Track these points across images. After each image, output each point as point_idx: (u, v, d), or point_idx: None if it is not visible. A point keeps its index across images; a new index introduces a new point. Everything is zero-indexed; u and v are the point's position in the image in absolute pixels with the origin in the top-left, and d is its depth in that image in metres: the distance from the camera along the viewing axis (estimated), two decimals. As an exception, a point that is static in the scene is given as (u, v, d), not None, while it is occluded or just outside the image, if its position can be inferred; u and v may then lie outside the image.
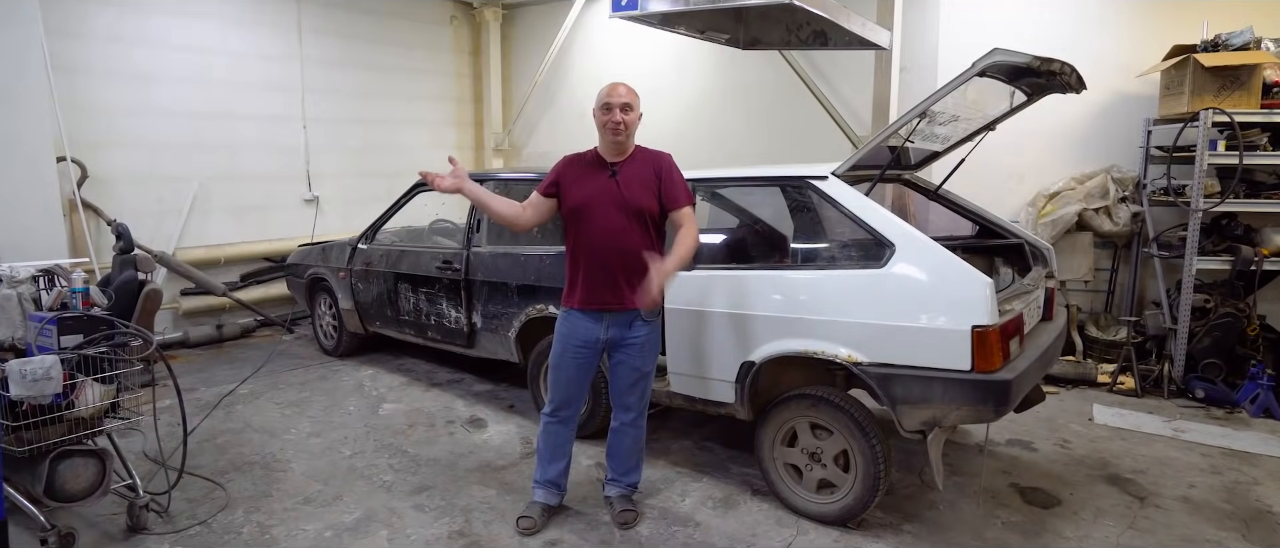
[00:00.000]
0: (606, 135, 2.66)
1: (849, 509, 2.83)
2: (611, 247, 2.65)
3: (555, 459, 2.93)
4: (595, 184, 2.66)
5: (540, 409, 3.83)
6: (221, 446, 3.75)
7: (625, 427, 2.91)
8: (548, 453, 2.92)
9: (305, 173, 6.61)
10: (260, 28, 6.17)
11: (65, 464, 2.67)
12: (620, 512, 2.94)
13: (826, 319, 2.76)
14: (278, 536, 2.87)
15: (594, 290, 2.69)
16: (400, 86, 7.31)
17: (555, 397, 2.86)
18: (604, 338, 2.74)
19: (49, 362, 2.55)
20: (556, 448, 2.92)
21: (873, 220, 2.74)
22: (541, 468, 2.95)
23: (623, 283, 2.66)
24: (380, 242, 4.92)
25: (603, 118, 2.64)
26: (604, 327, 2.73)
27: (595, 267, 2.67)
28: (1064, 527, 2.91)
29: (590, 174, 2.70)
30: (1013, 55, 2.47)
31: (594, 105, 2.68)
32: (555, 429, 2.89)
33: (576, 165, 2.74)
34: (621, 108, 2.61)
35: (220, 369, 5.12)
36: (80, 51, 5.22)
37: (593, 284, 2.69)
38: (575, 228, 2.71)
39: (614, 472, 3.00)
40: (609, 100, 2.62)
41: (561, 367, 2.80)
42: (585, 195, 2.66)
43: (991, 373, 2.47)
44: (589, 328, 2.73)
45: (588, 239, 2.67)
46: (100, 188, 5.36)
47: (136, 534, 2.86)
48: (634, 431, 2.92)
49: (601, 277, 2.67)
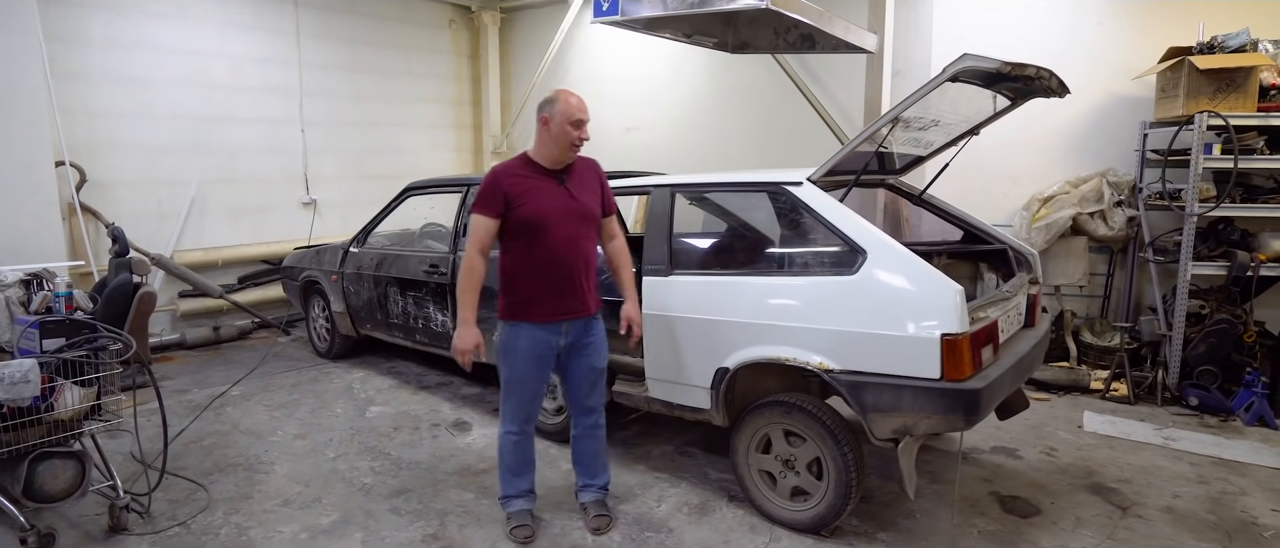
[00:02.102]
0: (566, 147, 2.64)
1: (821, 517, 2.81)
2: (575, 255, 2.67)
3: (526, 470, 2.91)
4: (550, 195, 2.65)
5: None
6: (208, 447, 3.79)
7: (590, 430, 2.93)
8: (519, 466, 2.89)
9: (303, 176, 6.67)
10: (259, 32, 6.24)
11: (44, 466, 2.71)
12: (594, 517, 2.94)
13: (799, 326, 2.74)
14: (254, 537, 2.90)
15: (557, 301, 2.69)
16: (399, 90, 7.37)
17: (520, 412, 2.81)
18: (562, 345, 2.74)
19: (26, 365, 2.59)
20: (526, 459, 2.90)
21: (845, 226, 2.72)
22: (513, 482, 2.90)
23: (584, 288, 2.69)
24: (371, 245, 4.96)
25: (573, 133, 2.62)
26: (563, 334, 2.73)
27: (559, 277, 2.66)
28: (1041, 537, 2.88)
29: (540, 185, 2.65)
30: (983, 61, 2.44)
31: (549, 114, 2.62)
32: (523, 442, 2.86)
33: (517, 178, 2.65)
34: (587, 123, 2.67)
35: (215, 371, 5.18)
36: (79, 56, 5.30)
37: (555, 294, 2.68)
38: (528, 240, 2.64)
39: (585, 478, 3.01)
40: (580, 116, 2.62)
41: (525, 382, 2.75)
42: (541, 208, 2.62)
43: (961, 382, 2.45)
44: (549, 340, 2.71)
45: (548, 251, 2.64)
46: (99, 191, 5.44)
47: (117, 535, 2.89)
48: (598, 431, 2.95)
49: (566, 286, 2.68)
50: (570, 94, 2.64)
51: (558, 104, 2.61)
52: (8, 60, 4.64)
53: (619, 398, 3.50)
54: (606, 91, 7.28)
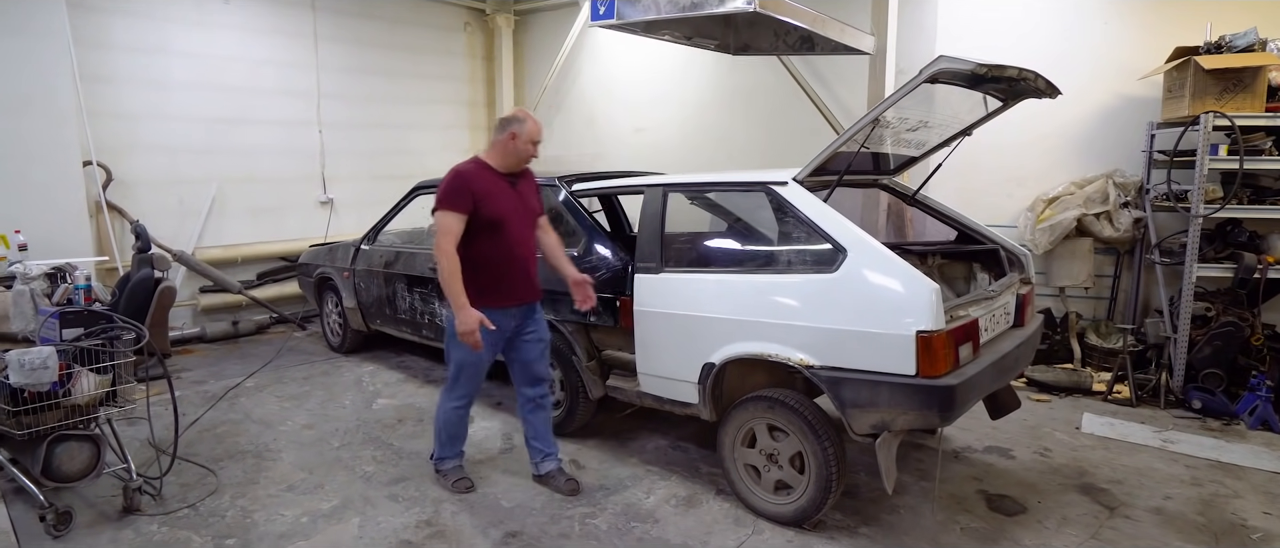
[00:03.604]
0: (522, 160, 3.04)
1: (803, 510, 2.86)
2: (527, 249, 3.10)
3: (463, 437, 3.36)
4: (508, 198, 3.02)
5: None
6: (220, 435, 3.95)
7: (539, 399, 3.29)
8: (460, 433, 3.33)
9: (320, 176, 6.86)
10: (277, 36, 6.43)
11: (62, 448, 2.87)
12: (567, 481, 3.27)
13: (781, 323, 2.80)
14: (257, 520, 3.03)
15: (513, 288, 3.06)
16: (414, 91, 7.53)
17: (469, 389, 3.19)
18: (513, 326, 3.12)
19: (46, 352, 2.74)
20: (463, 429, 3.33)
21: (827, 225, 2.77)
22: (452, 446, 3.31)
23: (533, 277, 3.14)
24: (381, 243, 5.09)
25: (531, 150, 3.03)
26: (514, 318, 3.11)
27: (514, 268, 3.04)
28: (1024, 535, 2.90)
29: (499, 189, 3.01)
30: (959, 62, 2.48)
31: (517, 131, 2.98)
32: (463, 414, 3.27)
33: (481, 181, 2.97)
34: (540, 144, 3.07)
35: (232, 363, 5.36)
36: (106, 61, 5.52)
37: (510, 283, 3.05)
38: (490, 236, 2.96)
39: (545, 448, 3.33)
40: (539, 139, 3.04)
41: (480, 364, 3.12)
42: (501, 209, 2.98)
43: (937, 378, 2.49)
44: (503, 322, 3.06)
45: (506, 246, 3.00)
46: (124, 190, 5.66)
47: (130, 515, 3.04)
48: (546, 400, 3.32)
49: (519, 275, 3.07)
50: (533, 118, 3.03)
51: (526, 125, 2.99)
52: (40, 65, 4.87)
53: (613, 393, 3.59)
54: (616, 92, 7.37)
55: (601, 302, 3.42)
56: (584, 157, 7.57)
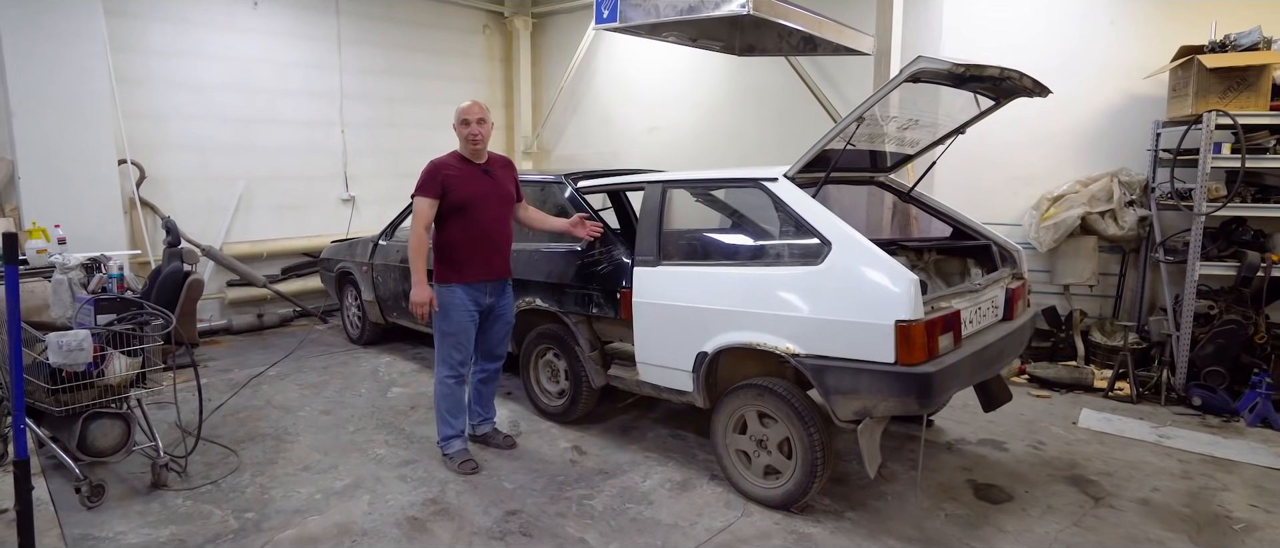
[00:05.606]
0: (466, 143, 3.27)
1: (790, 494, 2.97)
2: (499, 231, 3.37)
3: (461, 413, 3.49)
4: (478, 184, 3.28)
5: (532, 396, 4.13)
6: (243, 419, 4.16)
7: (493, 374, 3.64)
8: (455, 409, 3.46)
9: (343, 174, 7.10)
10: (302, 39, 6.68)
11: (95, 425, 3.09)
12: (505, 438, 3.68)
13: (770, 313, 2.91)
14: (274, 496, 3.22)
15: (486, 266, 3.34)
16: (434, 92, 7.74)
17: (455, 358, 3.37)
18: (486, 302, 3.39)
19: (82, 335, 2.95)
20: (460, 403, 3.48)
21: (814, 219, 2.87)
22: (452, 424, 3.46)
23: (505, 255, 3.41)
24: (398, 238, 5.29)
25: (463, 131, 3.25)
26: (487, 293, 3.39)
27: (487, 247, 3.32)
28: (1007, 522, 2.97)
29: (470, 175, 3.28)
30: (937, 62, 2.57)
31: (454, 121, 3.27)
32: (457, 387, 3.43)
33: (452, 168, 3.25)
34: (477, 121, 3.25)
35: (256, 353, 5.60)
36: (140, 64, 5.80)
37: (484, 261, 3.32)
38: (463, 219, 3.24)
39: (485, 413, 3.70)
40: (467, 116, 3.24)
41: (463, 332, 3.35)
42: (471, 193, 3.24)
43: (915, 366, 2.58)
44: (478, 297, 3.36)
45: (479, 227, 3.28)
46: (156, 187, 5.94)
47: (157, 490, 3.25)
48: (498, 374, 3.66)
49: (490, 253, 3.34)
50: (465, 104, 3.26)
51: (457, 113, 3.27)
52: (78, 68, 5.15)
53: (614, 382, 3.72)
54: (631, 93, 7.51)
55: (603, 293, 3.56)
56: (600, 155, 7.73)
